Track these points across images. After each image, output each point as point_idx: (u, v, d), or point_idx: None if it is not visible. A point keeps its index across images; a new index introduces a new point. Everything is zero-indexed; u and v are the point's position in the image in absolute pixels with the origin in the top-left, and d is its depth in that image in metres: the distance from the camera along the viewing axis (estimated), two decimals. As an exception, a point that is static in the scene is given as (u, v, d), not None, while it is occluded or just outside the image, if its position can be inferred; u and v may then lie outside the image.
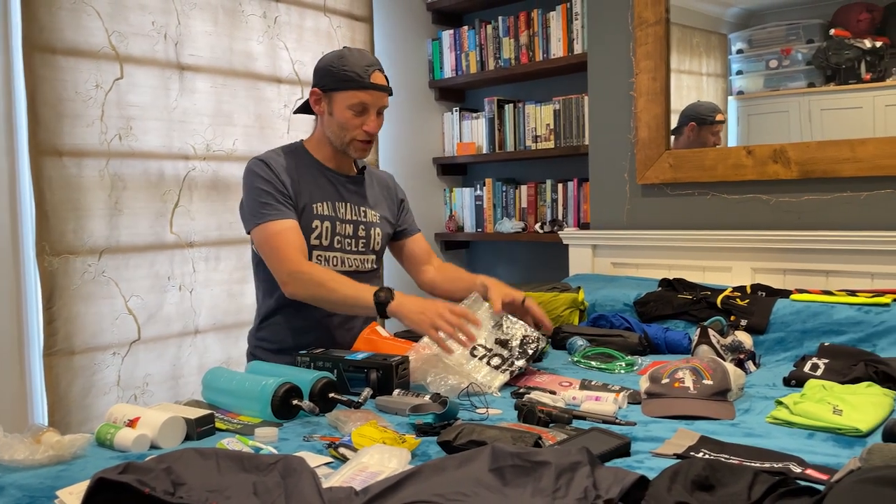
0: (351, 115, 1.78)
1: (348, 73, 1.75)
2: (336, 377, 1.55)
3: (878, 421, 1.29)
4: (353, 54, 1.78)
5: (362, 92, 1.76)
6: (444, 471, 0.90)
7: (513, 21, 3.27)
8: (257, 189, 1.77)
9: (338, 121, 1.79)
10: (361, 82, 1.75)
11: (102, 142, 2.40)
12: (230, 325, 2.78)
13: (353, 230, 1.88)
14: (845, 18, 2.28)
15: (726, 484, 0.98)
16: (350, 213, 1.88)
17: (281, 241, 1.73)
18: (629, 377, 1.72)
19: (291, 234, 1.74)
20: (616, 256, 2.72)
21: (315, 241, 1.81)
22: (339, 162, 1.89)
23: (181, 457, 0.93)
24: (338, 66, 1.76)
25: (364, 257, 1.90)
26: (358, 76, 1.75)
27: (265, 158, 1.82)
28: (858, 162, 2.21)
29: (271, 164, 1.80)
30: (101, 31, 2.39)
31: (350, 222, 1.87)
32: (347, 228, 1.86)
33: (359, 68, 1.75)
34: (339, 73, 1.76)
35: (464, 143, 3.48)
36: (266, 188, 1.77)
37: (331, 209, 1.84)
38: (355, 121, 1.78)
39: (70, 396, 2.32)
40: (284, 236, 1.73)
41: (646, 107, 2.63)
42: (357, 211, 1.90)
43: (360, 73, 1.75)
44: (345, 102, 1.77)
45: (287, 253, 1.72)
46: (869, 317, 1.84)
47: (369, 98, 1.77)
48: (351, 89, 1.76)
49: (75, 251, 2.34)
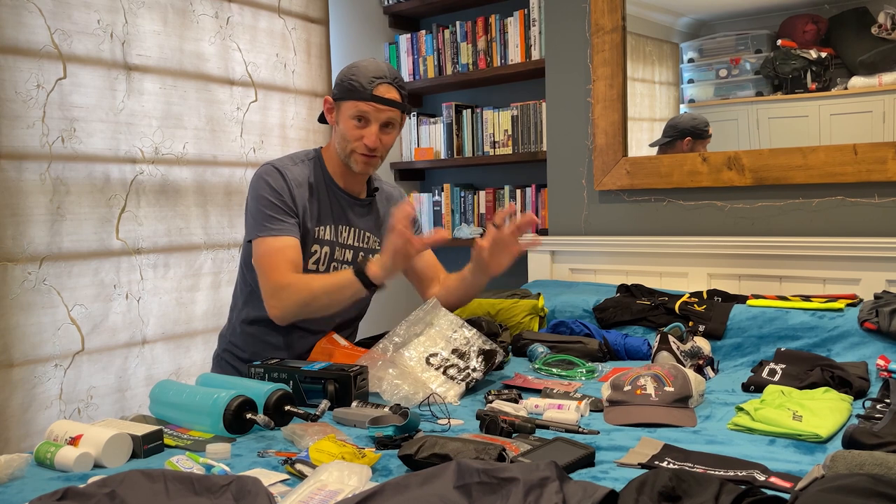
0: (353, 125, 1.73)
1: (353, 82, 1.72)
2: (292, 389, 1.50)
3: (836, 426, 1.31)
4: (365, 64, 1.75)
5: (363, 103, 1.71)
6: (406, 489, 0.86)
7: (470, 26, 3.26)
8: (265, 199, 1.72)
9: (342, 131, 1.76)
10: (363, 93, 1.71)
11: (44, 144, 2.30)
12: (180, 334, 2.69)
13: (353, 256, 1.83)
14: (791, 30, 2.33)
15: (693, 494, 0.97)
16: (352, 238, 1.83)
17: (275, 259, 1.69)
18: (590, 384, 1.71)
19: (290, 252, 1.70)
20: (574, 262, 2.72)
21: (312, 266, 1.77)
22: (349, 180, 1.83)
23: (126, 480, 0.87)
24: (346, 76, 1.75)
25: None
26: (361, 86, 1.71)
27: (280, 167, 1.76)
28: (809, 169, 2.25)
29: (286, 175, 1.74)
30: (44, 28, 2.29)
31: (350, 248, 1.83)
32: (347, 254, 1.82)
33: (365, 79, 1.71)
34: (346, 82, 1.74)
35: (422, 149, 3.45)
36: (274, 199, 1.71)
37: (333, 233, 1.80)
38: (356, 132, 1.74)
39: (9, 411, 2.21)
40: (282, 254, 1.69)
41: (603, 113, 2.65)
42: (360, 236, 1.85)
43: (365, 83, 1.71)
44: (347, 112, 1.74)
45: (276, 270, 1.68)
46: (823, 322, 1.87)
47: (370, 109, 1.72)
48: (352, 99, 1.72)
49: (14, 258, 2.23)
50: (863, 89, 2.21)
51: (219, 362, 1.87)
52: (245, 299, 1.83)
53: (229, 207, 2.85)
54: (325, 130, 3.19)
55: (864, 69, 2.21)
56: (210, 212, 2.79)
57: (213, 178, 2.80)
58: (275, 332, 1.78)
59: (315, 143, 3.12)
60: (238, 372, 1.79)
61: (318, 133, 3.18)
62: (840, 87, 2.25)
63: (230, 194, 2.85)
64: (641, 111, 2.64)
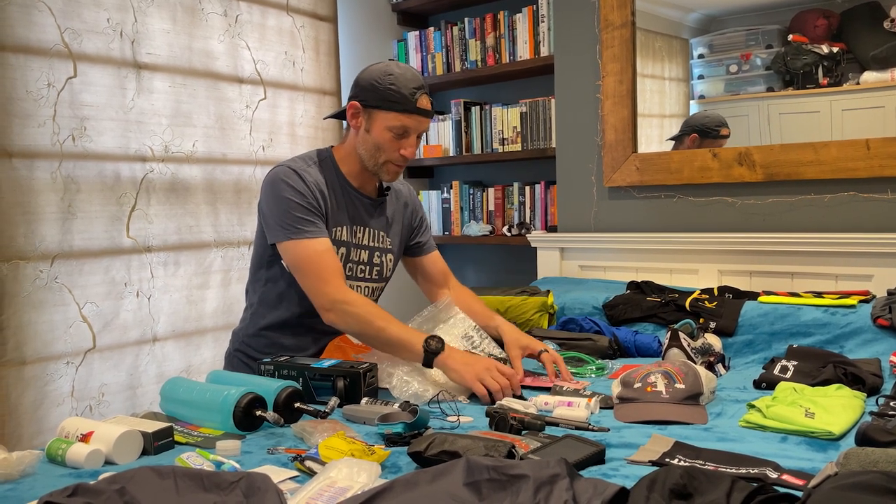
0: (390, 136, 1.68)
1: (394, 93, 1.65)
2: (301, 386, 1.50)
3: (849, 423, 1.29)
4: (402, 72, 1.68)
5: (406, 116, 1.67)
6: (416, 486, 0.86)
7: (479, 23, 3.25)
8: (289, 200, 1.67)
9: (375, 140, 1.70)
10: (407, 106, 1.66)
11: (55, 143, 2.31)
12: (190, 332, 2.70)
13: (369, 257, 1.82)
14: (803, 24, 2.31)
15: (704, 492, 0.96)
16: (367, 239, 1.81)
17: (322, 263, 1.66)
18: (600, 381, 1.70)
19: (330, 257, 1.68)
20: (584, 259, 2.71)
21: None
22: (363, 180, 1.80)
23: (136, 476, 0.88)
24: (384, 84, 1.66)
25: (375, 285, 1.85)
26: (404, 98, 1.66)
27: (297, 169, 1.71)
28: (821, 165, 2.23)
29: (304, 176, 1.70)
30: (54, 27, 2.29)
31: (366, 248, 1.81)
32: (363, 255, 1.80)
33: (406, 90, 1.66)
34: (385, 91, 1.66)
35: (430, 146, 3.45)
36: (300, 201, 1.68)
37: (349, 234, 1.77)
38: (394, 144, 1.69)
39: (21, 408, 2.22)
40: (324, 258, 1.66)
41: (612, 109, 2.63)
42: (375, 236, 1.83)
43: (408, 95, 1.66)
44: (385, 123, 1.68)
45: (328, 277, 1.65)
46: (836, 318, 1.86)
47: (413, 123, 1.68)
48: (395, 111, 1.66)
49: (26, 256, 2.24)
50: (875, 84, 2.19)
51: (231, 361, 1.87)
52: (259, 301, 1.81)
53: (238, 205, 2.85)
54: (333, 128, 3.18)
55: (877, 64, 2.19)
56: (220, 209, 2.79)
57: (223, 176, 2.80)
58: (289, 335, 1.78)
59: (324, 141, 3.12)
60: (251, 371, 1.79)
61: (326, 131, 3.18)
62: (852, 83, 2.23)
63: (239, 192, 2.86)
64: (651, 107, 2.63)
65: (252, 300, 1.85)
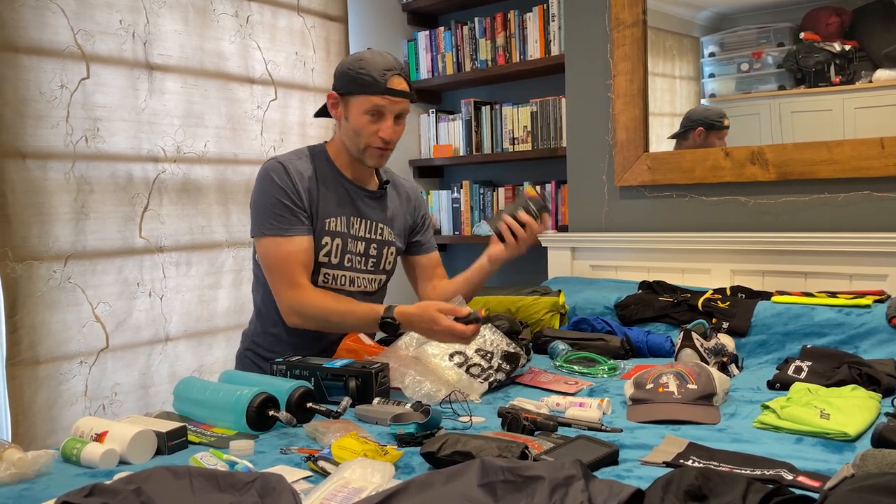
0: (367, 120, 1.70)
1: (364, 76, 1.68)
2: (314, 386, 1.51)
3: (865, 425, 1.28)
4: (372, 56, 1.71)
5: (377, 97, 1.68)
6: (431, 487, 0.86)
7: (489, 22, 3.25)
8: (271, 196, 1.70)
9: (353, 126, 1.72)
10: (377, 86, 1.68)
11: (68, 143, 2.32)
12: (202, 332, 2.71)
13: (365, 248, 1.82)
14: (814, 22, 2.29)
15: (719, 493, 0.95)
16: (364, 230, 1.81)
17: (288, 265, 1.68)
18: (612, 381, 1.70)
19: (298, 258, 1.69)
20: (595, 259, 2.70)
21: (324, 259, 1.75)
22: (357, 172, 1.81)
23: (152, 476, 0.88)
24: (355, 69, 1.69)
25: (373, 277, 1.85)
26: (374, 80, 1.67)
27: (284, 162, 1.73)
28: (835, 164, 2.21)
29: (290, 169, 1.72)
30: (67, 29, 2.31)
31: (363, 240, 1.81)
32: (359, 246, 1.81)
33: (377, 72, 1.68)
34: (356, 76, 1.68)
35: (440, 146, 3.45)
36: (280, 197, 1.69)
37: (344, 225, 1.78)
38: (371, 126, 1.71)
39: (35, 407, 2.24)
40: (292, 259, 1.68)
41: (623, 108, 2.62)
42: (372, 228, 1.83)
43: (377, 76, 1.67)
44: (360, 107, 1.70)
45: (292, 279, 1.68)
46: (850, 318, 1.84)
47: (385, 103, 1.69)
48: (366, 94, 1.68)
49: (39, 257, 2.25)
50: (888, 82, 2.17)
51: (242, 360, 1.88)
52: (262, 301, 1.83)
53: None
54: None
55: (890, 62, 2.17)
56: (231, 210, 2.80)
57: (234, 177, 2.81)
58: (296, 334, 1.79)
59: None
60: (261, 371, 1.80)
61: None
62: (865, 81, 2.21)
63: (251, 192, 2.86)
64: (662, 106, 2.61)
65: (257, 301, 1.86)
